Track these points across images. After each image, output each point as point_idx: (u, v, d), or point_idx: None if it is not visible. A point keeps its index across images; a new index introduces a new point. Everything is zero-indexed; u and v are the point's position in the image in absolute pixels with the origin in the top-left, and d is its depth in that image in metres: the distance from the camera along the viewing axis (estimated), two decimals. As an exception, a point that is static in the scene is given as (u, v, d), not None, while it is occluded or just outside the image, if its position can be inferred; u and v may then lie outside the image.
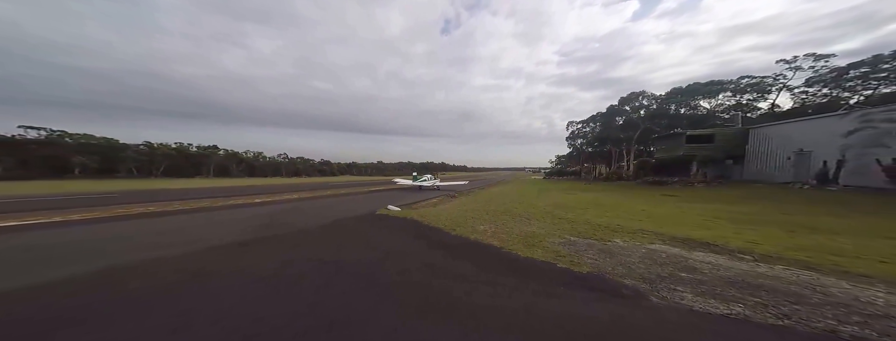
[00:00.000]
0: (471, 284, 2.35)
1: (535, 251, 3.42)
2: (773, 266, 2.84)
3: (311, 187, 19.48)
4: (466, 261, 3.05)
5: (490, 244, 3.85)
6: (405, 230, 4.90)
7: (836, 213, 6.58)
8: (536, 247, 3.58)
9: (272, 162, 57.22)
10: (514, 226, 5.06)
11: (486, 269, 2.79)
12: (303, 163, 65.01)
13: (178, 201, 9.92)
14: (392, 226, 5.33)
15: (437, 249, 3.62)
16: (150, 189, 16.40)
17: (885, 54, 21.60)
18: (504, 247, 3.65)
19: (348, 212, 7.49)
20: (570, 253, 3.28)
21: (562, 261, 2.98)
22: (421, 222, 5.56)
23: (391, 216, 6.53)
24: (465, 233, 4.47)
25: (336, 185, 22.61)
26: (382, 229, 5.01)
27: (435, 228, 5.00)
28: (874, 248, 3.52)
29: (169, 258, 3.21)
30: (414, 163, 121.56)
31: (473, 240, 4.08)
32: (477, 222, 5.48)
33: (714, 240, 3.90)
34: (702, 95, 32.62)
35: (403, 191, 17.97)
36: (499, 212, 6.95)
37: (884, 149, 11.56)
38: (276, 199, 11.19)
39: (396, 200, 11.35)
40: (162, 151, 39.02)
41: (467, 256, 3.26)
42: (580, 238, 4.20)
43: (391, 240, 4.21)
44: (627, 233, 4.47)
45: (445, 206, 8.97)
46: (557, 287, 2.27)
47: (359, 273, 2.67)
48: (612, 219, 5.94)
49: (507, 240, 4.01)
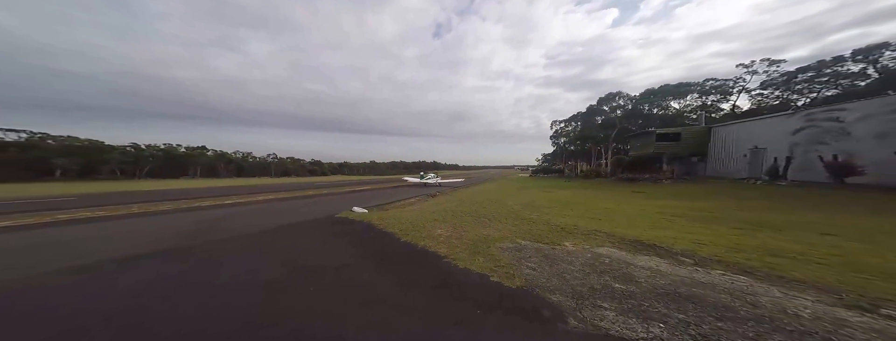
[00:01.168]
0: (369, 312, 2.03)
1: (477, 260, 3.18)
2: (711, 271, 2.79)
3: (294, 187, 18.71)
4: (393, 275, 2.78)
5: (435, 252, 3.57)
6: (350, 236, 4.56)
7: (782, 209, 6.93)
8: (481, 255, 3.34)
9: (261, 162, 55.04)
10: (473, 230, 4.83)
11: (409, 286, 2.51)
12: (293, 163, 63.03)
13: (137, 204, 9.25)
14: (339, 231, 4.96)
15: (368, 261, 3.30)
16: (115, 191, 15.10)
17: (827, 60, 23.83)
18: (447, 256, 3.38)
19: (308, 215, 7.08)
20: (512, 261, 3.08)
21: (497, 273, 2.76)
22: (375, 226, 5.24)
23: (349, 219, 6.15)
24: (416, 240, 4.17)
25: (321, 185, 21.91)
26: (325, 235, 4.64)
27: (387, 233, 4.67)
28: (811, 246, 3.59)
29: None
30: (406, 162, 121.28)
31: (419, 248, 3.78)
32: (437, 225, 5.21)
33: (663, 241, 3.87)
34: (672, 96, 34.54)
35: (396, 188, 18.14)
36: (466, 214, 6.78)
37: (825, 147, 12.60)
38: (244, 201, 10.62)
39: (371, 201, 11.04)
40: (148, 153, 37.39)
41: (398, 269, 2.98)
42: (532, 241, 4.04)
43: (322, 249, 3.85)
44: (581, 235, 4.38)
45: (416, 207, 8.68)
46: (474, 309, 2.02)
47: (226, 304, 2.20)
48: (574, 219, 5.89)
49: (456, 247, 3.74)
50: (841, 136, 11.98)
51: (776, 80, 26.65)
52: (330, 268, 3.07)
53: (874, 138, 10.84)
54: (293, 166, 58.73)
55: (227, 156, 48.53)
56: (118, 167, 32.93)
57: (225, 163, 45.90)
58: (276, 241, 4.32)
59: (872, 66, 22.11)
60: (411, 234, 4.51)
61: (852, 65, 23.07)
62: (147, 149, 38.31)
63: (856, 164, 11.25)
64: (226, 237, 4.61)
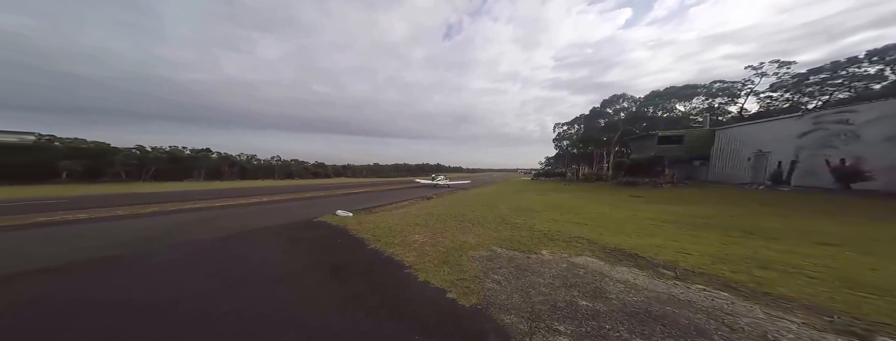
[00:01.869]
0: (279, 338, 1.79)
1: (442, 271, 2.98)
2: (690, 285, 2.57)
3: (292, 190, 18.86)
4: (337, 290, 2.57)
5: (400, 261, 3.37)
6: (314, 242, 4.37)
7: (780, 215, 6.61)
8: (448, 266, 3.14)
9: (265, 164, 55.77)
10: (452, 236, 4.64)
11: (348, 303, 2.27)
12: (297, 165, 63.88)
13: (124, 207, 9.30)
14: (306, 236, 4.79)
15: (318, 272, 3.06)
16: (112, 193, 15.30)
17: (842, 61, 23.06)
18: (412, 266, 3.18)
19: (286, 218, 6.97)
20: (479, 273, 2.87)
21: (457, 288, 2.54)
22: (349, 231, 5.08)
23: (326, 223, 5.98)
24: (385, 247, 3.97)
25: (320, 187, 22.03)
26: (288, 242, 4.44)
27: (357, 239, 4.51)
28: (806, 257, 3.34)
29: None
30: (409, 164, 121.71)
31: (385, 257, 3.58)
32: (417, 230, 5.04)
33: (647, 250, 3.64)
34: (678, 99, 33.87)
35: (396, 191, 18.26)
36: (453, 217, 6.62)
37: (833, 150, 12.13)
38: (232, 203, 10.62)
39: (363, 203, 10.99)
40: (154, 155, 37.99)
41: (348, 282, 2.76)
42: (508, 249, 3.83)
43: (273, 258, 3.64)
44: (562, 242, 4.16)
45: (404, 211, 8.53)
46: (411, 335, 1.82)
47: (97, 328, 1.92)
48: (561, 224, 5.67)
49: (426, 255, 3.55)
50: (850, 140, 11.52)
51: (786, 82, 25.89)
52: (266, 281, 2.84)
53: (885, 141, 10.39)
54: (297, 168, 59.37)
55: (231, 159, 49.01)
56: (123, 169, 33.26)
57: (229, 165, 46.44)
58: (230, 248, 4.13)
59: (889, 68, 21.33)
60: (383, 241, 4.33)
61: (868, 66, 22.30)
62: (152, 152, 38.73)
63: (863, 169, 10.81)
64: (180, 241, 4.47)
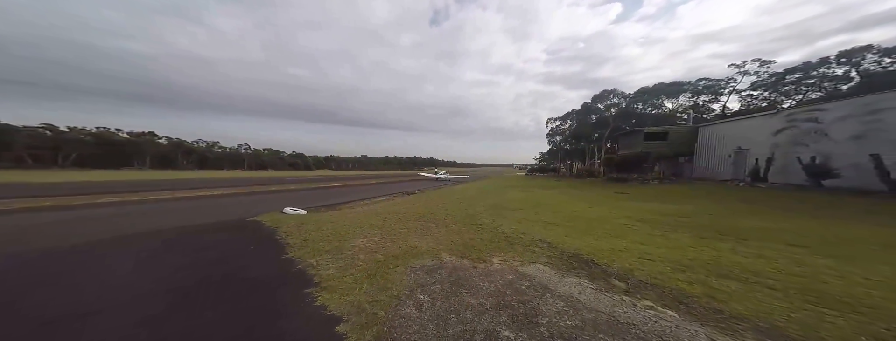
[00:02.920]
0: None
1: (358, 289, 2.49)
2: (639, 301, 2.25)
3: (256, 183, 17.70)
4: (183, 324, 1.98)
5: (312, 275, 2.80)
6: (218, 250, 3.77)
7: (756, 214, 6.54)
8: (372, 280, 2.68)
9: (232, 153, 51.02)
10: (404, 239, 4.23)
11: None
12: (271, 155, 59.16)
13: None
14: (213, 243, 4.11)
15: (169, 296, 2.40)
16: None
17: (813, 62, 23.79)
18: (324, 281, 2.64)
19: (211, 217, 6.32)
20: (402, 292, 2.42)
21: (360, 315, 2.03)
22: (276, 235, 4.49)
23: (256, 224, 5.41)
24: (308, 255, 3.46)
25: (291, 180, 21.09)
26: (178, 250, 3.78)
27: (280, 245, 3.96)
28: (771, 262, 3.09)
29: None
30: (401, 157, 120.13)
31: (297, 269, 3.00)
32: (367, 232, 4.59)
33: (608, 255, 3.36)
34: (665, 96, 34.40)
35: (381, 185, 17.78)
36: (418, 217, 6.24)
37: (804, 148, 12.37)
38: (161, 197, 9.52)
39: (331, 199, 10.45)
40: (72, 137, 30.90)
41: (212, 308, 2.19)
42: (458, 256, 3.45)
43: (125, 275, 2.94)
44: (521, 247, 3.82)
45: (371, 208, 8.10)
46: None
47: None
48: (529, 224, 5.36)
49: (354, 266, 3.09)
50: (819, 138, 11.75)
51: (766, 81, 26.62)
52: (69, 316, 2.09)
53: (850, 140, 10.60)
54: (271, 159, 55.30)
55: (186, 145, 43.70)
56: (28, 153, 26.66)
57: (183, 152, 41.69)
58: (83, 261, 3.38)
59: (855, 70, 22.16)
60: (312, 247, 3.83)
61: (837, 68, 23.12)
62: (70, 133, 31.41)
63: (832, 167, 11.05)
64: (14, 252, 3.65)
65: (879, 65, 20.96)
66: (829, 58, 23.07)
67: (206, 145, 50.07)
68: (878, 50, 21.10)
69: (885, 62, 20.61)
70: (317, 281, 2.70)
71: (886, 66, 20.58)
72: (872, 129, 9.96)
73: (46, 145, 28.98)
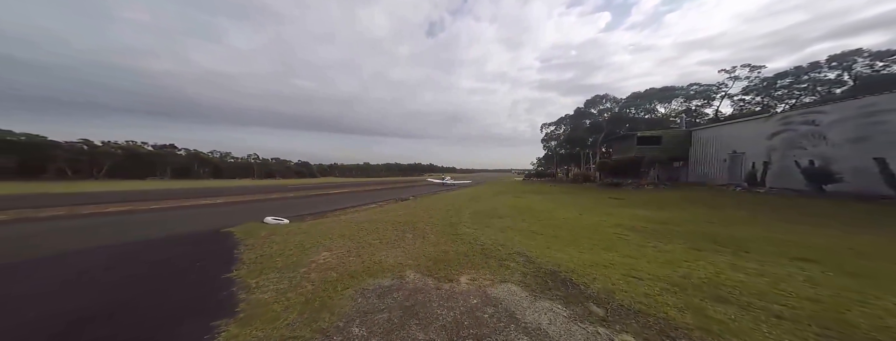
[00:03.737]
0: None
1: (284, 319, 2.08)
2: (617, 334, 1.80)
3: (259, 191, 17.65)
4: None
5: (241, 300, 2.42)
6: (156, 268, 3.35)
7: (754, 221, 6.17)
8: (310, 307, 2.27)
9: (243, 163, 52.54)
10: (372, 252, 3.80)
11: None
12: (278, 164, 60.58)
13: (19, 210, 8.02)
14: (159, 258, 3.74)
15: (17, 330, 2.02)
16: (37, 193, 13.68)
17: (805, 66, 24.01)
18: (250, 308, 2.24)
19: (186, 227, 5.96)
20: (334, 326, 2.00)
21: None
22: (237, 248, 4.12)
23: (226, 236, 5.01)
24: (256, 274, 3.08)
25: (294, 188, 20.95)
26: (103, 268, 3.38)
27: (234, 260, 3.57)
28: (777, 281, 2.68)
29: None
30: (401, 164, 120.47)
31: (227, 294, 2.58)
32: (336, 245, 4.18)
33: (590, 271, 2.95)
34: (658, 100, 34.60)
35: (375, 191, 17.75)
36: (399, 225, 5.82)
37: (802, 151, 12.09)
38: (163, 206, 9.44)
39: (324, 206, 10.23)
40: (104, 150, 34.01)
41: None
42: (424, 274, 3.03)
43: (16, 300, 2.53)
44: (495, 262, 3.38)
45: (354, 216, 7.64)
46: None
47: None
48: (513, 234, 4.93)
49: (300, 287, 2.69)
50: (817, 141, 11.48)
51: (757, 85, 26.82)
52: None
53: (850, 143, 10.34)
54: (278, 167, 56.63)
55: (202, 156, 45.92)
56: (68, 166, 29.61)
57: (200, 163, 43.56)
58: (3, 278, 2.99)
59: (847, 73, 22.33)
60: (267, 263, 3.41)
61: (829, 72, 23.32)
62: (103, 147, 34.98)
63: (833, 171, 10.73)
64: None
65: (871, 68, 21.12)
66: (819, 62, 23.28)
67: (220, 156, 51.69)
68: (869, 54, 21.31)
69: (878, 65, 20.77)
70: (238, 310, 2.25)
71: (879, 69, 20.72)
72: (873, 132, 9.71)
73: (83, 158, 31.67)
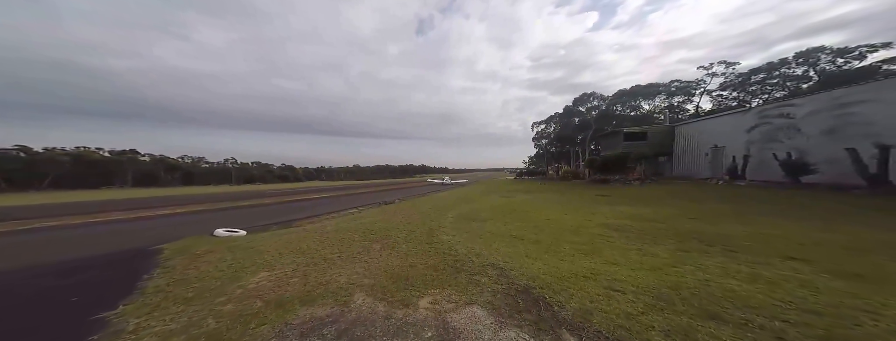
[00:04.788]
0: None
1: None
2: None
3: (229, 198, 16.58)
4: None
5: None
6: (21, 306, 2.72)
7: (740, 215, 6.03)
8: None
9: (219, 168, 49.80)
10: (327, 269, 3.31)
11: None
12: (260, 168, 57.99)
13: None
14: (17, 294, 3.11)
15: None
16: None
17: (775, 62, 25.13)
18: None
19: (109, 245, 5.13)
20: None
21: None
22: (149, 272, 3.50)
23: (151, 253, 4.38)
24: (145, 310, 2.50)
25: (271, 193, 19.99)
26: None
27: (132, 289, 2.95)
28: (773, 288, 2.41)
29: None
30: (393, 166, 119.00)
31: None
32: (284, 261, 3.66)
33: (568, 285, 2.60)
34: (642, 97, 35.49)
35: (361, 195, 17.17)
36: (370, 233, 5.31)
37: (778, 144, 12.40)
38: (93, 221, 8.24)
39: (299, 213, 9.60)
40: (48, 157, 29.67)
41: None
42: (376, 297, 2.56)
43: None
44: (465, 277, 2.97)
45: (327, 223, 7.07)
46: None
47: None
48: (489, 241, 4.53)
49: (183, 332, 2.16)
50: (793, 133, 11.79)
51: (733, 81, 27.87)
52: None
53: (823, 135, 10.63)
54: (259, 172, 54.06)
55: (170, 162, 42.28)
56: (1, 177, 25.29)
57: (167, 169, 40.56)
58: None
59: (812, 69, 23.52)
60: (176, 292, 2.85)
61: (796, 68, 24.50)
62: (46, 153, 30.08)
63: (809, 163, 11.00)
64: None
65: (834, 64, 22.27)
66: (788, 59, 24.41)
67: (192, 161, 48.30)
68: (830, 51, 22.48)
69: (839, 62, 21.92)
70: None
71: (841, 66, 21.87)
72: (844, 123, 9.99)
73: (20, 168, 27.30)
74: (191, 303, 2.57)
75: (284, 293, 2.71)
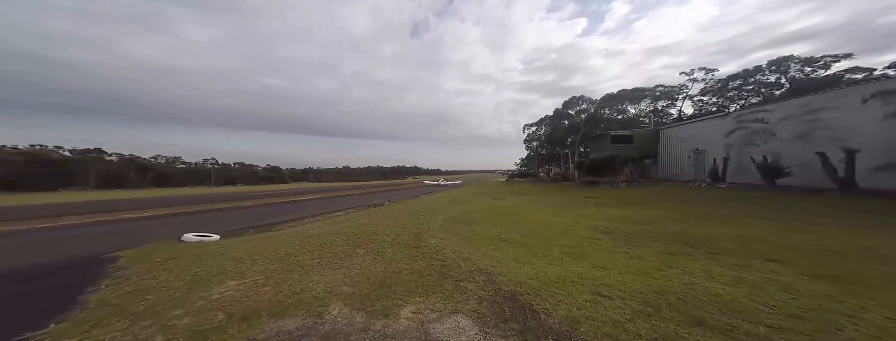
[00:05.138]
0: None
1: None
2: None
3: (202, 200, 15.68)
4: None
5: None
6: None
7: (721, 217, 6.21)
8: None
9: (197, 168, 47.30)
10: (304, 276, 3.12)
11: None
12: (243, 169, 55.60)
13: None
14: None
15: None
16: None
17: (750, 69, 26.58)
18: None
19: (59, 253, 4.71)
20: None
21: None
22: (95, 283, 3.18)
23: (104, 261, 3.98)
24: (71, 332, 2.20)
25: (252, 196, 19.14)
26: None
27: (71, 303, 2.66)
28: (756, 291, 2.43)
29: None
30: (384, 167, 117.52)
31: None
32: (256, 267, 3.43)
33: (555, 291, 2.52)
34: (628, 101, 36.67)
35: (350, 196, 16.88)
36: (355, 237, 5.11)
37: (755, 148, 12.98)
38: (41, 226, 7.55)
39: (285, 215, 9.24)
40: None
41: None
42: (354, 307, 2.39)
43: None
44: (451, 284, 2.83)
45: (309, 227, 6.79)
46: None
47: None
48: (478, 244, 4.43)
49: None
50: (768, 137, 12.38)
51: (712, 87, 29.23)
52: None
53: (796, 139, 11.20)
54: (242, 173, 51.61)
55: (140, 161, 39.83)
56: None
57: (137, 169, 38.06)
58: None
59: (784, 77, 25.03)
60: (124, 304, 2.59)
61: (770, 75, 26.01)
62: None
63: (783, 166, 11.55)
64: None
65: (802, 72, 23.75)
66: (762, 66, 25.86)
67: (167, 161, 45.67)
68: (799, 60, 23.98)
69: (807, 70, 23.41)
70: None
71: (808, 74, 23.35)
72: (813, 128, 10.55)
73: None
74: (139, 318, 2.31)
75: (252, 304, 2.50)
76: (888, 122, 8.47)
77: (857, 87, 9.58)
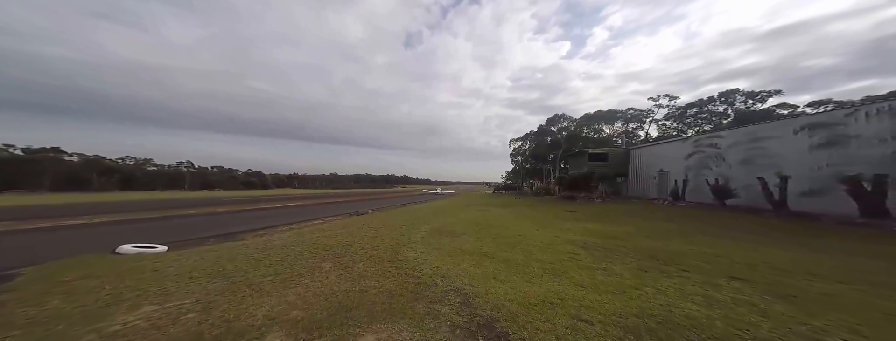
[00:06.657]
0: None
1: None
2: None
3: (166, 206, 13.85)
4: None
5: None
6: None
7: (684, 233, 6.64)
8: None
9: (170, 171, 42.50)
10: (243, 299, 2.67)
11: None
12: (221, 173, 50.74)
13: None
14: None
15: None
16: None
17: (704, 99, 30.23)
18: None
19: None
20: None
21: None
22: (25, 299, 2.49)
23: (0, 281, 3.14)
24: None
25: (227, 201, 17.28)
26: None
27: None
28: (726, 311, 2.47)
29: None
30: (373, 175, 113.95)
31: None
32: (185, 288, 2.91)
33: (533, 314, 2.37)
34: (603, 121, 39.67)
35: (338, 203, 16.25)
36: (329, 248, 4.65)
37: (709, 171, 14.41)
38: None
39: (256, 223, 8.39)
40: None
41: None
42: (297, 338, 2.01)
43: None
44: (423, 306, 2.55)
45: (280, 236, 6.09)
46: None
47: None
48: (459, 259, 4.21)
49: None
50: (719, 162, 13.82)
51: (673, 113, 32.66)
52: None
53: (741, 164, 12.61)
54: (221, 177, 47.40)
55: (105, 163, 36.12)
56: None
57: (101, 171, 34.06)
58: None
59: (730, 107, 28.78)
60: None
61: (719, 105, 29.77)
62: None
63: (731, 188, 12.86)
64: None
65: (745, 104, 27.45)
66: (713, 97, 29.53)
67: (136, 163, 41.15)
68: (742, 93, 27.76)
69: (749, 103, 27.14)
70: None
71: (749, 106, 27.02)
72: (756, 155, 11.96)
73: None
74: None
75: (160, 338, 2.01)
76: (813, 153, 9.83)
77: (792, 120, 11.05)
